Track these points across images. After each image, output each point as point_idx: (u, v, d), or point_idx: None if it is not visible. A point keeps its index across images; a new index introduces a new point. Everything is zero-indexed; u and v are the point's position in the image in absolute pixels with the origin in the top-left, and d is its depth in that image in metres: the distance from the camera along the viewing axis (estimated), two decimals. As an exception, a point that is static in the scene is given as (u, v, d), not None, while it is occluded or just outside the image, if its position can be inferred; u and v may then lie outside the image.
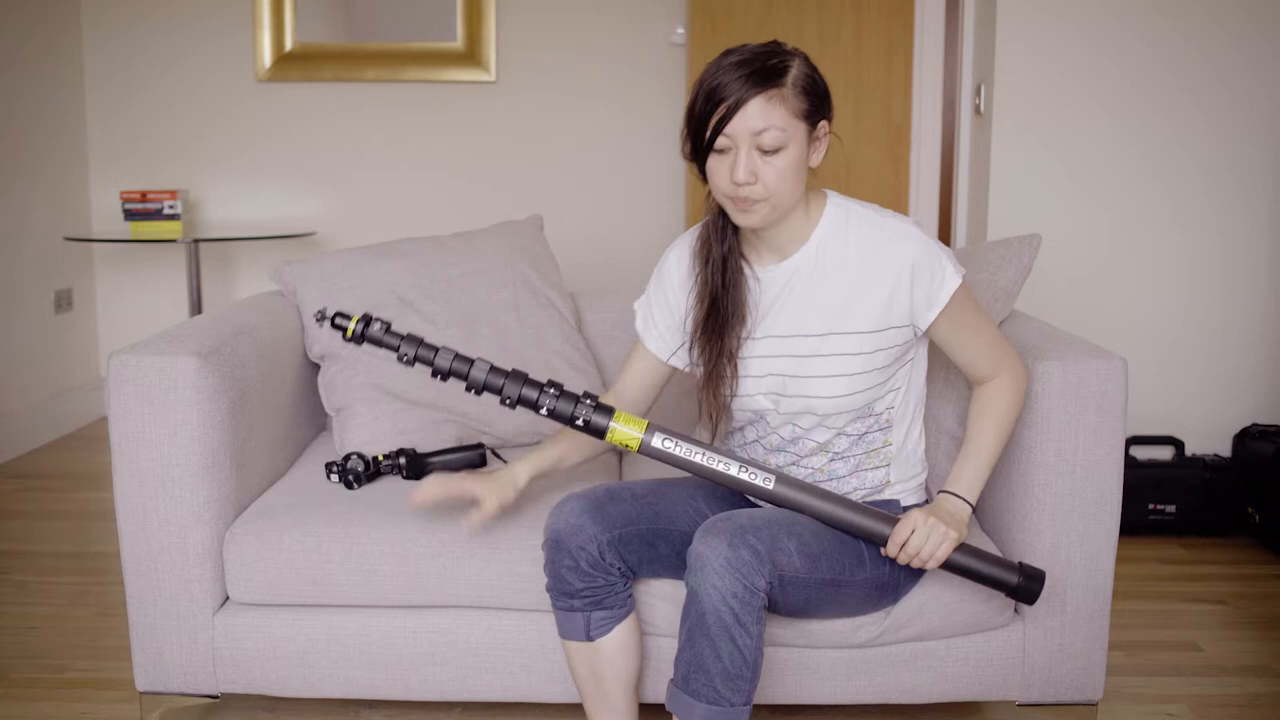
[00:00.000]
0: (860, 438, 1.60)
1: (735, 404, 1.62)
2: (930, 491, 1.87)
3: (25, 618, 2.33)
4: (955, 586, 1.67)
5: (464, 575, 1.72)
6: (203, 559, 1.73)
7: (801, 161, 1.47)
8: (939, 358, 1.85)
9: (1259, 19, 2.84)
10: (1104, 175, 2.91)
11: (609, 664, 1.59)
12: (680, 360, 1.67)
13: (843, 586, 1.55)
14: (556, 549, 1.55)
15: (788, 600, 1.49)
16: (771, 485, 1.51)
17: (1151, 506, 2.84)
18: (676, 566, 1.62)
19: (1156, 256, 2.93)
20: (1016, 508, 1.74)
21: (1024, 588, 1.54)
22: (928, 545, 1.49)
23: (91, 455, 3.63)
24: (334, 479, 1.94)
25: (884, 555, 1.55)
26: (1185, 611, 2.41)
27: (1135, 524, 2.83)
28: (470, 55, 4.04)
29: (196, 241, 3.66)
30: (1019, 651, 1.74)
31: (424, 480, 1.61)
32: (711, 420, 1.62)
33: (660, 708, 1.72)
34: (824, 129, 1.50)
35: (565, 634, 1.60)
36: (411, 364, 1.52)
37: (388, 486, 1.93)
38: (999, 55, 2.90)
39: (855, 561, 1.54)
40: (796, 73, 1.45)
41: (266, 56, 4.06)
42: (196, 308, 3.69)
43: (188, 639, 1.75)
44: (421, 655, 1.75)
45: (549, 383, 1.52)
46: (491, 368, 1.53)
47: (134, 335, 3.67)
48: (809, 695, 1.73)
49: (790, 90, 1.44)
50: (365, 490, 1.91)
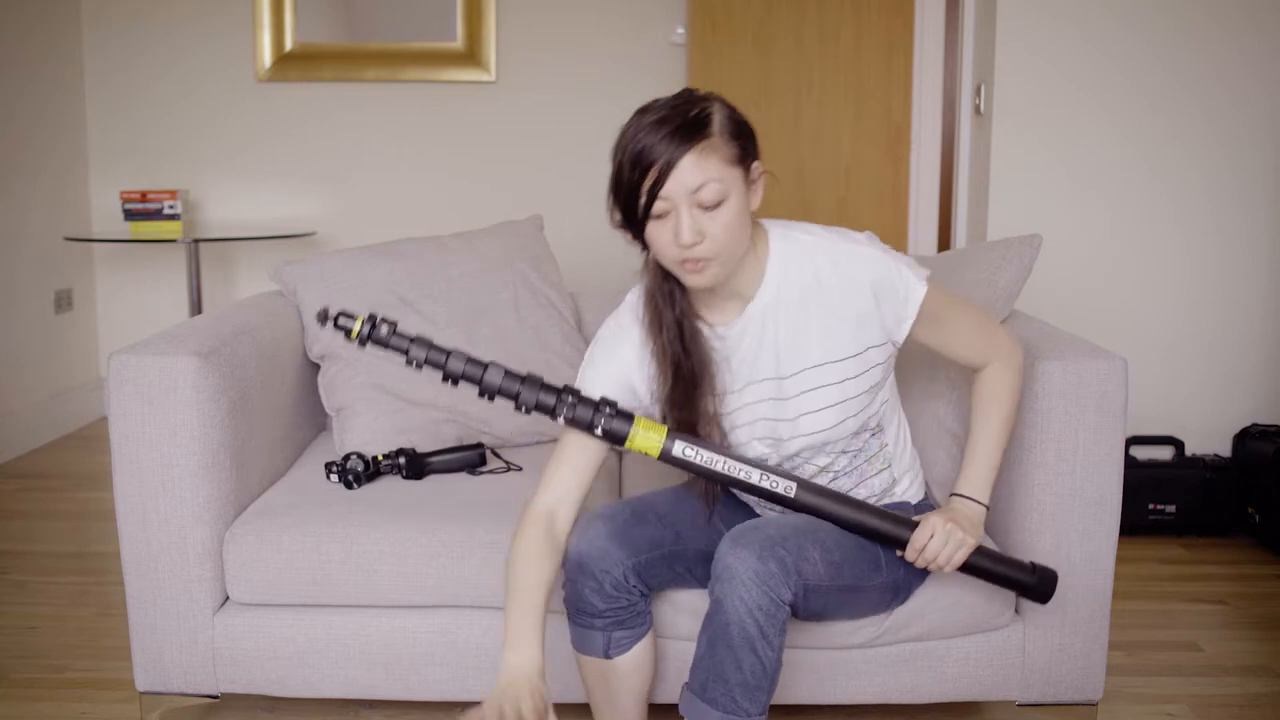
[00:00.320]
0: (859, 450, 1.59)
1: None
2: (929, 484, 1.87)
3: (25, 618, 2.33)
4: (955, 587, 1.67)
5: (464, 575, 1.72)
6: (203, 559, 1.73)
7: (744, 209, 1.41)
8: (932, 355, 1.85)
9: (1259, 19, 2.84)
10: (1104, 175, 2.91)
11: (624, 681, 1.58)
12: None
13: (861, 591, 1.55)
14: (580, 571, 1.52)
15: (809, 607, 1.48)
16: (793, 493, 1.49)
17: (1151, 506, 2.84)
18: (690, 581, 1.62)
19: (1156, 256, 2.93)
20: (1016, 508, 1.74)
21: (1037, 588, 1.55)
22: (945, 550, 1.49)
23: (91, 455, 3.63)
24: (334, 479, 1.94)
25: (900, 558, 1.55)
26: (1185, 611, 2.41)
27: (1135, 524, 2.83)
28: (470, 55, 4.04)
29: (196, 241, 3.66)
30: (1019, 651, 1.74)
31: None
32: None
33: (669, 708, 1.71)
34: (758, 170, 1.44)
35: (581, 649, 1.58)
36: (420, 368, 1.45)
37: (388, 486, 1.93)
38: (999, 55, 2.90)
39: (873, 566, 1.55)
40: (720, 118, 1.39)
41: (266, 56, 4.06)
42: (196, 308, 3.69)
43: (188, 639, 1.75)
44: (421, 655, 1.75)
45: (566, 388, 1.46)
46: (506, 372, 1.46)
47: (134, 335, 3.67)
48: (809, 695, 1.73)
49: (719, 138, 1.38)
50: (365, 490, 1.91)
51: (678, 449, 1.47)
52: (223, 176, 4.13)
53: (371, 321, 1.44)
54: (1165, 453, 2.92)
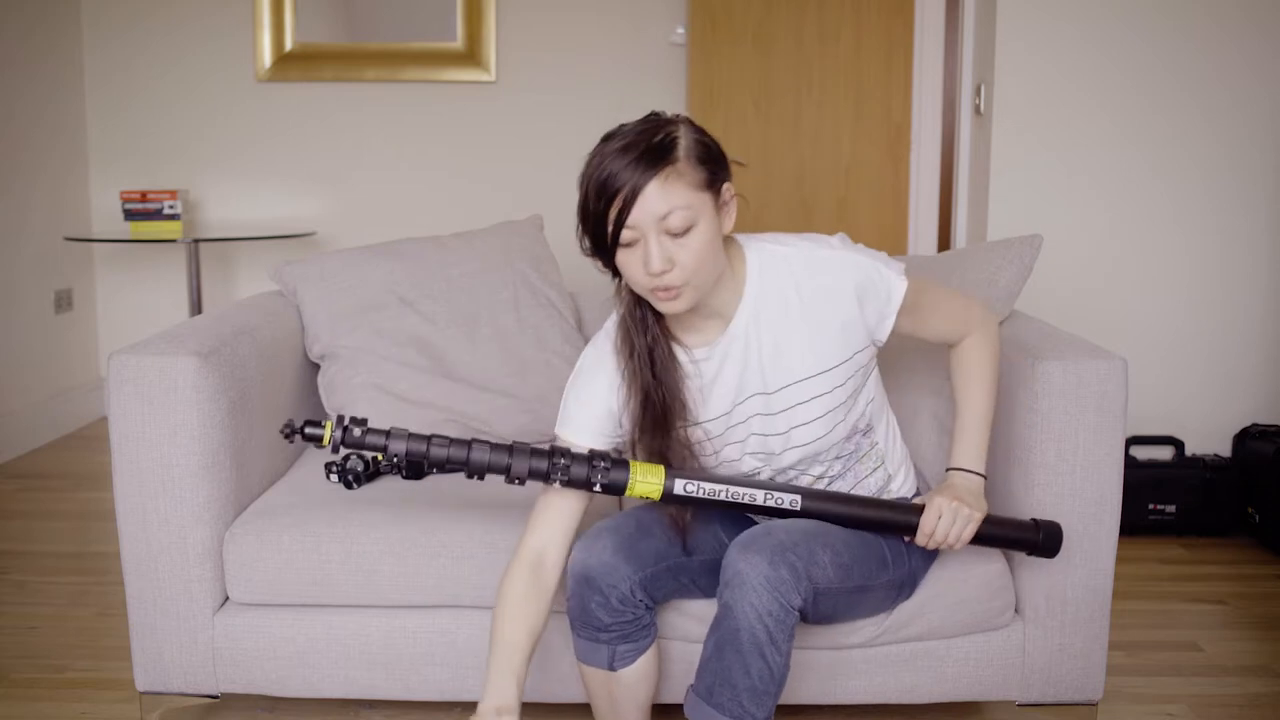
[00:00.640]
0: (851, 454, 1.59)
1: (721, 470, 1.56)
2: (925, 477, 1.88)
3: (25, 618, 2.33)
4: (955, 586, 1.67)
5: (464, 575, 1.72)
6: (203, 559, 1.73)
7: (715, 234, 1.38)
8: (914, 346, 1.85)
9: (1259, 19, 2.84)
10: (1104, 175, 2.91)
11: (628, 691, 1.58)
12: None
13: (869, 591, 1.55)
14: (587, 585, 1.50)
15: (818, 610, 1.48)
16: (799, 506, 1.49)
17: (1151, 506, 2.84)
18: (695, 593, 1.62)
19: (1156, 256, 2.93)
20: (1016, 508, 1.74)
21: (1044, 545, 1.58)
22: (954, 529, 1.50)
23: (91, 455, 3.63)
24: (334, 479, 1.94)
25: (904, 551, 1.55)
26: (1185, 611, 2.41)
27: (1135, 524, 2.83)
28: (470, 55, 4.04)
29: (196, 241, 3.66)
30: (1019, 651, 1.74)
31: None
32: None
33: (673, 708, 1.71)
34: (729, 192, 1.42)
35: (586, 660, 1.57)
36: (401, 463, 1.39)
37: (387, 486, 1.93)
38: (999, 55, 2.90)
39: (880, 564, 1.55)
40: (686, 143, 1.37)
41: (266, 56, 4.06)
42: (196, 308, 3.69)
43: (188, 639, 1.75)
44: (421, 655, 1.75)
45: (554, 450, 1.43)
46: (491, 446, 1.42)
47: (134, 335, 3.67)
48: (809, 695, 1.73)
49: (685, 164, 1.35)
50: (365, 490, 1.91)
51: (678, 487, 1.45)
52: (223, 176, 4.13)
53: (341, 424, 1.40)
54: (1165, 453, 2.92)
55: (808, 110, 3.76)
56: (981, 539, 1.55)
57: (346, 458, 1.92)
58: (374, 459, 1.96)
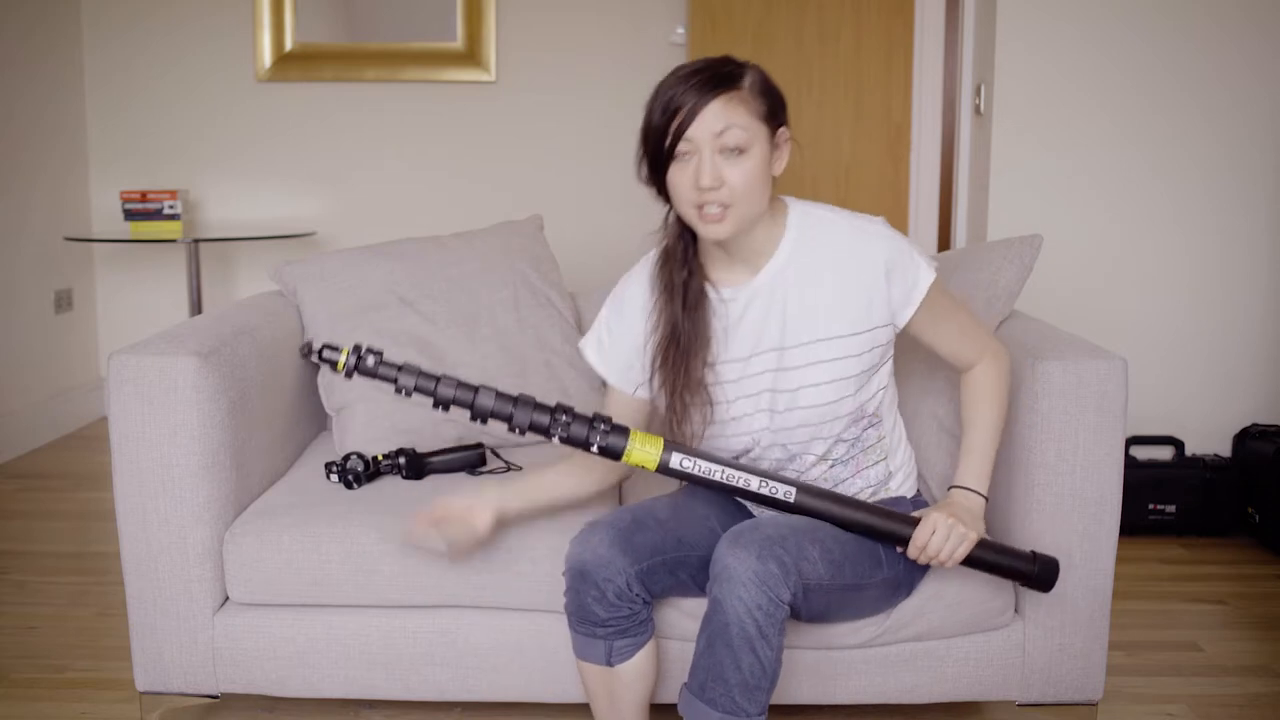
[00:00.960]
0: (856, 440, 1.60)
1: (729, 429, 1.57)
2: (928, 482, 1.87)
3: (25, 618, 2.33)
4: (955, 586, 1.67)
5: (464, 575, 1.72)
6: (203, 559, 1.73)
7: (765, 166, 1.45)
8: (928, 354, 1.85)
9: (1259, 19, 2.84)
10: (1104, 175, 2.91)
11: (627, 688, 1.58)
12: (646, 393, 1.61)
13: (863, 590, 1.55)
14: (582, 580, 1.51)
15: (810, 607, 1.49)
16: (793, 498, 1.49)
17: (1151, 506, 2.84)
18: (692, 588, 1.62)
19: (1156, 256, 2.93)
20: (1016, 508, 1.74)
21: (1039, 577, 1.56)
22: (947, 546, 1.50)
23: (91, 455, 3.63)
24: (334, 479, 1.94)
25: (901, 555, 1.55)
26: (1185, 611, 2.41)
27: (1135, 524, 2.83)
28: (470, 55, 4.04)
29: (196, 241, 3.67)
30: (1019, 651, 1.74)
31: (411, 523, 1.60)
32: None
33: (669, 708, 1.71)
34: (784, 135, 1.49)
35: (583, 656, 1.58)
36: (410, 395, 1.45)
37: (388, 486, 1.93)
38: (999, 55, 2.90)
39: (874, 564, 1.55)
40: (752, 78, 1.45)
41: (266, 56, 4.06)
42: (196, 308, 3.69)
43: (188, 639, 1.75)
44: (421, 655, 1.75)
45: (559, 407, 1.48)
46: (497, 394, 1.47)
47: (134, 335, 3.67)
48: (808, 695, 1.73)
49: (748, 92, 1.43)
50: (365, 490, 1.91)
51: (675, 460, 1.48)
52: (223, 176, 4.13)
53: (357, 353, 1.47)
54: (1165, 453, 2.92)
55: (808, 110, 3.76)
56: (974, 562, 1.54)
57: (347, 458, 1.92)
58: (374, 459, 1.96)
